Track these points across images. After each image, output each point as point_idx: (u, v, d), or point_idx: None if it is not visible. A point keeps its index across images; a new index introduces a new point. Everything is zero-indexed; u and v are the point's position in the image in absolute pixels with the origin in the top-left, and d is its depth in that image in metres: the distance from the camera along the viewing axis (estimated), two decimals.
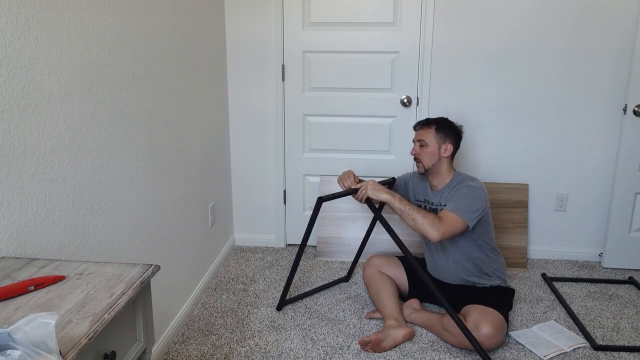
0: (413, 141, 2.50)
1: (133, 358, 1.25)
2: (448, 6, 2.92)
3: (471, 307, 2.26)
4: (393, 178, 2.69)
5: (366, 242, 2.87)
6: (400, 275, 2.59)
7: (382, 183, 2.55)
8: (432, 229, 2.22)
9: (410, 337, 2.34)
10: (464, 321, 2.21)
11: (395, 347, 2.30)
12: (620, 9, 2.83)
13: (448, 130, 2.44)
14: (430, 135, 2.42)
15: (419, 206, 2.46)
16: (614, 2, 2.83)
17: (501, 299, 2.36)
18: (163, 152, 2.22)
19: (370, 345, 2.25)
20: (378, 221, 2.52)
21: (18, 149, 1.34)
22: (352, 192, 2.41)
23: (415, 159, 2.48)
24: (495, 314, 2.20)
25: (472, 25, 2.93)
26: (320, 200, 2.35)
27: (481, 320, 2.16)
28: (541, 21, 2.89)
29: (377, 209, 2.40)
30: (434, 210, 2.43)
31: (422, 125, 2.48)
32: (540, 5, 2.87)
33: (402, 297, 2.60)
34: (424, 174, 2.48)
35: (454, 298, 2.41)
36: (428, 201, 2.50)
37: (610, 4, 2.83)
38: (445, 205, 2.35)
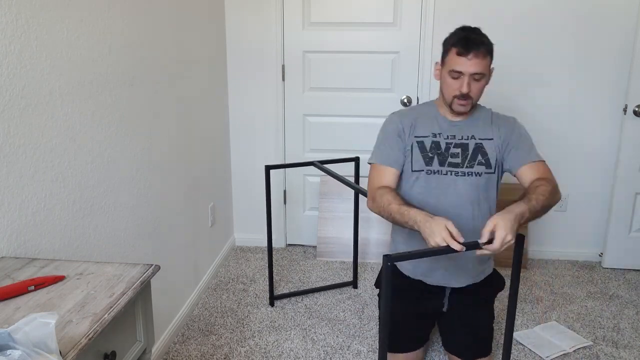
0: (458, 72, 1.78)
1: (133, 358, 1.25)
2: (448, 6, 2.91)
3: None
4: (357, 157, 2.68)
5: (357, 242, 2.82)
6: None
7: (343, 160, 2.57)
8: (558, 192, 1.83)
9: None
10: None
11: None
12: (620, 9, 2.83)
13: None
14: (487, 64, 1.81)
15: (436, 143, 1.88)
16: (614, 2, 2.83)
17: (492, 307, 2.08)
18: (163, 152, 2.22)
19: None
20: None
21: (18, 149, 1.34)
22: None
23: (461, 97, 1.80)
24: None
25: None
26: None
27: None
28: (542, 21, 2.89)
29: None
30: (464, 145, 1.88)
31: (483, 52, 1.79)
32: (540, 5, 2.87)
33: None
34: (465, 113, 1.88)
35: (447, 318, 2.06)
36: (448, 135, 1.89)
37: (611, 5, 2.83)
38: (490, 139, 1.89)
